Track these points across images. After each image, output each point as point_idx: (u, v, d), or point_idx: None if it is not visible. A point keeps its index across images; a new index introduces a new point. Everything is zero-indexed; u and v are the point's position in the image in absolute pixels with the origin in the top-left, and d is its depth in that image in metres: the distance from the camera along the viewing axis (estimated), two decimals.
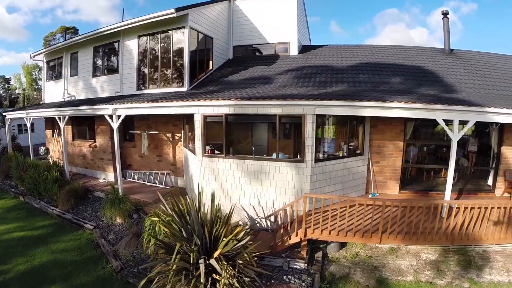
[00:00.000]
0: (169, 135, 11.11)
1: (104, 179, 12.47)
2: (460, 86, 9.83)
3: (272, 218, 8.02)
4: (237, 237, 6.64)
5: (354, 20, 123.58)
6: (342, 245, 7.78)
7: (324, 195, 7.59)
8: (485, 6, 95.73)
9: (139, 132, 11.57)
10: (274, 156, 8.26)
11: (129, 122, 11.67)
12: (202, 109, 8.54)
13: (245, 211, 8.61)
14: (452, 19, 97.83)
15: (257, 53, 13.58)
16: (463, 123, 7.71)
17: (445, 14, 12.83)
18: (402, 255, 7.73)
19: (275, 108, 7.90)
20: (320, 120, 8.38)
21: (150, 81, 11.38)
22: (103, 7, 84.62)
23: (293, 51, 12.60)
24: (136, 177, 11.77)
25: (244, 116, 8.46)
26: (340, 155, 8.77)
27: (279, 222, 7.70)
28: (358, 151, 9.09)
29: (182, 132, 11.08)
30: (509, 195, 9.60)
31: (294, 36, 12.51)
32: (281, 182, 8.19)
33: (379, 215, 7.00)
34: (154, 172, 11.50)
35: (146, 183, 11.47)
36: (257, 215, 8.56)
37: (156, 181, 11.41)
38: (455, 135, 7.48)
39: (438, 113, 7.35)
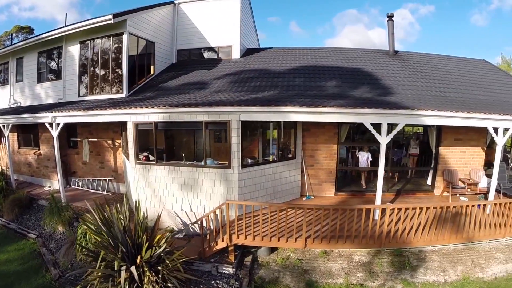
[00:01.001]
0: (110, 141, 11.47)
1: (50, 187, 12.76)
2: (398, 88, 10.28)
3: (202, 224, 8.18)
4: (159, 244, 6.90)
5: (313, 20, 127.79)
6: (273, 249, 8.12)
7: (245, 202, 7.93)
8: (442, 7, 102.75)
9: (80, 139, 11.86)
10: (203, 162, 8.66)
11: (72, 129, 12.01)
12: (133, 117, 8.90)
13: (178, 216, 8.96)
14: (411, 20, 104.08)
15: (201, 57, 13.86)
16: (392, 126, 8.04)
17: (390, 17, 13.43)
18: (334, 258, 8.13)
19: (201, 115, 8.29)
20: (248, 126, 8.73)
21: (91, 87, 11.63)
22: (60, 4, 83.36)
23: (236, 54, 13.04)
24: (80, 184, 12.08)
25: (173, 124, 8.87)
26: (270, 160, 9.18)
27: (205, 228, 8.05)
28: (290, 155, 9.54)
29: (121, 139, 11.37)
30: (448, 194, 10.13)
31: (236, 39, 12.93)
32: (210, 188, 8.58)
33: (309, 218, 7.39)
34: (97, 179, 11.82)
35: (89, 190, 11.81)
36: (190, 220, 8.90)
37: (99, 188, 11.71)
38: (383, 139, 7.89)
39: (365, 117, 7.74)
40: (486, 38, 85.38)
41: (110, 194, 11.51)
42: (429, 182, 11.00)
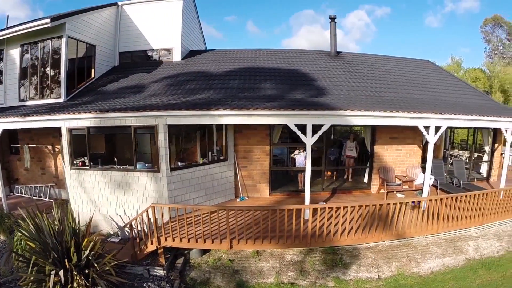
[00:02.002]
0: (50, 147, 11.69)
1: None
2: (332, 89, 10.74)
3: (131, 227, 8.64)
4: (87, 248, 7.21)
5: (270, 20, 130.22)
6: (206, 250, 8.47)
7: (171, 205, 8.31)
8: (398, 9, 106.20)
9: (21, 145, 12.06)
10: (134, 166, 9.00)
11: (13, 135, 12.19)
12: (67, 122, 9.18)
13: (113, 221, 9.26)
14: (367, 21, 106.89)
15: (144, 59, 14.15)
16: (319, 127, 8.42)
17: (332, 19, 14.10)
18: (266, 258, 8.48)
19: (130, 119, 8.62)
20: (179, 128, 9.14)
21: (31, 92, 11.86)
22: (13, 0, 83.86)
23: (176, 57, 13.45)
24: (23, 191, 12.24)
25: (104, 128, 9.17)
26: (201, 162, 9.56)
27: (135, 231, 8.31)
28: (222, 157, 9.89)
29: (60, 144, 11.46)
30: (385, 192, 10.61)
31: (177, 42, 13.35)
32: (141, 191, 8.93)
33: (238, 220, 7.81)
34: (39, 185, 12.02)
35: (32, 197, 11.99)
36: (124, 224, 9.11)
37: (41, 195, 11.92)
38: (309, 140, 8.23)
39: (290, 118, 8.13)
40: (441, 39, 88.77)
41: (52, 200, 11.48)
42: (365, 180, 11.50)
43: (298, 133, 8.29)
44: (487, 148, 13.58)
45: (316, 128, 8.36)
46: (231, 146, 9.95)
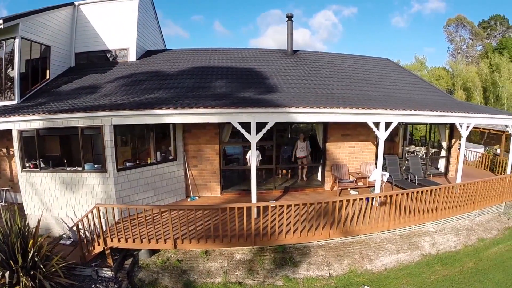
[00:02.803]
0: (5, 150, 11.81)
1: None
2: (283, 87, 11.01)
3: (78, 228, 8.44)
4: (34, 249, 7.31)
5: (237, 20, 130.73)
6: (155, 251, 8.64)
7: (115, 205, 8.45)
8: (365, 9, 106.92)
9: None
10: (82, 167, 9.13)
11: None
12: (17, 124, 9.29)
13: (65, 223, 9.42)
14: (334, 21, 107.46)
15: (101, 60, 14.29)
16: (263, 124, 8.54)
17: (289, 17, 14.35)
18: (214, 257, 8.66)
19: (77, 120, 8.76)
20: (127, 128, 9.33)
21: None
22: None
23: (132, 57, 13.62)
24: None
25: (53, 130, 9.28)
26: (149, 162, 9.73)
27: (82, 232, 8.50)
28: (171, 157, 10.06)
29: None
30: (337, 189, 10.85)
31: (133, 42, 13.53)
32: (90, 192, 9.08)
33: (186, 219, 7.85)
34: None
35: None
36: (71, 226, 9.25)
37: None
38: (253, 138, 8.41)
39: (234, 116, 8.27)
40: (407, 39, 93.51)
41: (7, 204, 11.75)
42: (319, 177, 11.75)
43: (242, 131, 8.42)
44: (444, 144, 13.90)
45: (264, 126, 8.57)
46: (180, 145, 10.13)
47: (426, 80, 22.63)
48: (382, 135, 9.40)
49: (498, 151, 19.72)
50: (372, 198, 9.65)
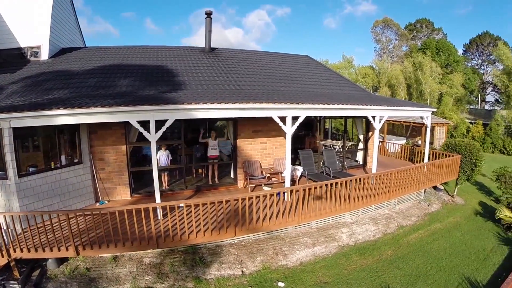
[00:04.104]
0: None
1: None
2: (192, 84, 11.04)
3: None
4: None
5: (169, 18, 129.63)
6: (63, 260, 8.26)
7: (13, 213, 7.97)
8: (298, 10, 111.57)
9: None
10: None
11: None
12: None
13: None
14: (267, 21, 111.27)
15: (17, 58, 13.32)
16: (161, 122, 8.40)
17: (208, 14, 14.31)
18: (123, 263, 8.41)
19: None
20: (27, 132, 8.72)
21: None
22: None
23: (44, 55, 12.96)
24: None
25: None
26: (53, 166, 9.25)
27: None
28: (76, 160, 9.66)
29: None
30: (248, 186, 10.85)
31: (46, 39, 12.86)
32: None
33: (90, 225, 7.70)
34: None
35: None
36: None
37: None
38: (152, 136, 8.20)
39: (132, 115, 8.10)
40: (339, 40, 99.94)
41: None
42: (232, 175, 11.71)
43: (141, 129, 8.23)
44: (361, 137, 14.18)
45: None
46: (85, 148, 9.75)
47: (345, 76, 23.87)
48: (289, 129, 9.34)
49: (420, 142, 20.93)
50: (284, 192, 9.60)
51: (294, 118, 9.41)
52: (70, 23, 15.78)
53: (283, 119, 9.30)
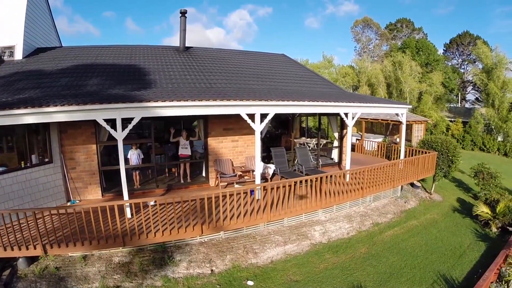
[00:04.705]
0: None
1: None
2: (163, 82, 11.14)
3: None
4: None
5: (150, 18, 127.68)
6: (34, 259, 8.22)
7: None
8: (280, 9, 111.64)
9: None
10: None
11: None
12: None
13: None
14: (249, 20, 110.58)
15: None
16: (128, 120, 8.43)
17: (183, 13, 14.25)
18: (93, 262, 8.38)
19: None
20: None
21: None
22: None
23: (18, 55, 12.81)
24: None
25: None
26: (23, 166, 9.22)
27: None
28: (47, 159, 9.64)
29: None
30: (219, 184, 10.80)
31: (20, 39, 12.72)
32: None
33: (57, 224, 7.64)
34: None
35: None
36: None
37: None
38: (119, 134, 8.20)
39: (98, 113, 8.07)
40: (322, 40, 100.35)
41: None
42: (204, 174, 11.73)
43: (108, 128, 8.24)
44: (336, 135, 14.17)
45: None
46: (56, 147, 9.74)
47: (321, 75, 24.11)
48: (258, 127, 9.33)
49: (398, 139, 20.98)
50: (251, 190, 9.59)
51: (263, 116, 9.38)
52: (45, 23, 15.71)
53: (252, 116, 9.27)
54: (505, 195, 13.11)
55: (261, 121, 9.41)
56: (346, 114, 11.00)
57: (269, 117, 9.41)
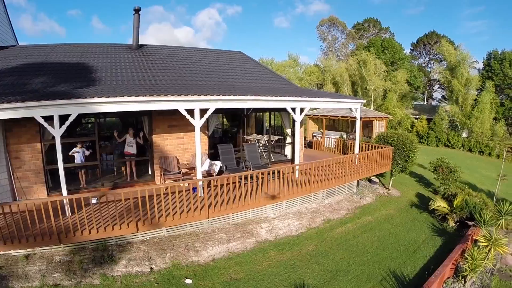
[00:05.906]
0: None
1: None
2: (107, 80, 11.20)
3: None
4: None
5: (117, 16, 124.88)
6: None
7: None
8: (249, 8, 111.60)
9: None
10: None
11: None
12: None
13: None
14: (218, 20, 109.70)
15: None
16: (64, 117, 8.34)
17: (136, 10, 14.24)
18: (35, 261, 8.45)
19: None
20: None
21: None
22: None
23: None
24: None
25: None
26: None
27: None
28: None
29: None
30: (163, 181, 10.88)
31: None
32: None
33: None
34: None
35: None
36: None
37: None
38: (57, 131, 8.23)
39: (36, 110, 8.03)
40: (291, 39, 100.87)
41: None
42: (150, 172, 11.73)
43: (45, 125, 8.24)
44: (289, 131, 13.99)
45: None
46: (1, 146, 9.82)
47: (280, 73, 26.01)
48: (197, 122, 9.32)
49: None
50: (194, 188, 9.55)
51: (203, 111, 9.34)
52: (0, 23, 15.78)
53: (191, 111, 9.24)
54: (464, 189, 12.94)
55: (201, 116, 9.35)
56: (293, 109, 10.90)
57: (209, 112, 9.39)
